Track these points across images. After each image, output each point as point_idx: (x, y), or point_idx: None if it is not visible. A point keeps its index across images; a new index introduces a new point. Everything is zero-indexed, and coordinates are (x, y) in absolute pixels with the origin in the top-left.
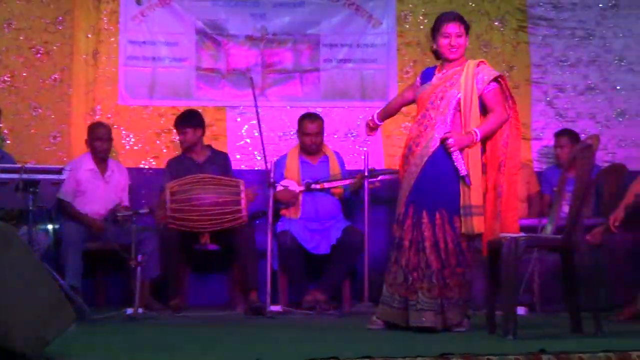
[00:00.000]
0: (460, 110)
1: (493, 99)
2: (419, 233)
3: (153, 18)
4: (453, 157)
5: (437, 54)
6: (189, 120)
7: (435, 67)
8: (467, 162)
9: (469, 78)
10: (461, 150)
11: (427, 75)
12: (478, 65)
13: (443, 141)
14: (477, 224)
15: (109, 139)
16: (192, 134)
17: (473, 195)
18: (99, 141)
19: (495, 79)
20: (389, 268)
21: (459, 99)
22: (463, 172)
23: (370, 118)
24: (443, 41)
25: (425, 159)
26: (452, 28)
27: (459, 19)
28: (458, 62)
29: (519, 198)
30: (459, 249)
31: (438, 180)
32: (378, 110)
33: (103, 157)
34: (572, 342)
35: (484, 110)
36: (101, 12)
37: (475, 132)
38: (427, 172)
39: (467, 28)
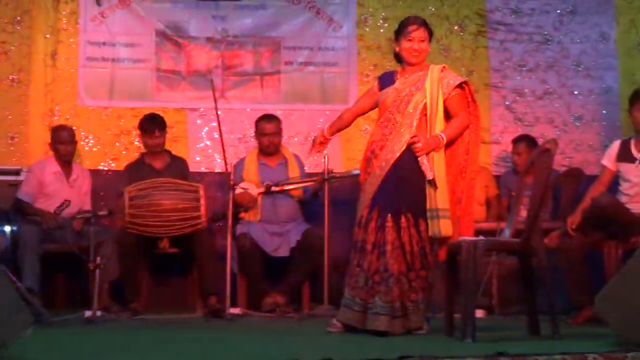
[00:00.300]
0: (426, 115)
1: (457, 104)
2: (382, 236)
3: (113, 19)
4: (420, 160)
5: (398, 58)
6: (158, 123)
7: (394, 71)
8: (432, 166)
9: (434, 83)
10: (427, 154)
11: (387, 79)
12: (442, 70)
13: (410, 145)
14: (444, 227)
15: (73, 142)
16: (161, 137)
17: (439, 198)
18: (62, 145)
19: (460, 85)
20: (350, 271)
21: (425, 103)
22: (430, 175)
23: (319, 133)
24: (406, 44)
25: (391, 162)
26: (416, 32)
27: (424, 24)
28: (420, 66)
29: (477, 201)
30: (423, 252)
31: (404, 184)
32: (328, 125)
33: (67, 161)
34: (530, 345)
35: (447, 114)
36: (60, 13)
37: (441, 136)
38: (392, 175)
39: (430, 34)
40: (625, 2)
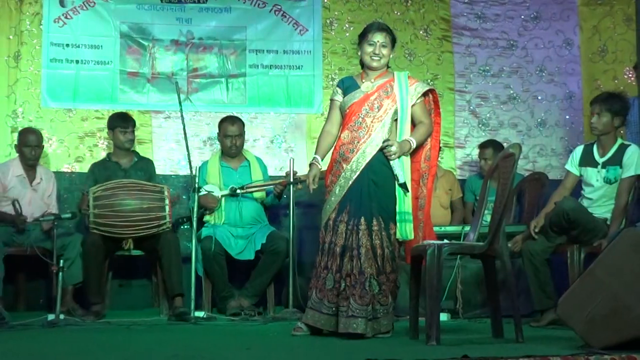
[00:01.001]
0: (396, 120)
1: (422, 111)
2: (355, 239)
3: (77, 21)
4: (392, 164)
5: (362, 62)
6: (130, 120)
7: (352, 76)
8: (402, 170)
9: (404, 89)
10: (398, 158)
11: (349, 84)
12: (409, 77)
13: (383, 148)
14: (410, 231)
15: (39, 146)
16: (132, 133)
17: (407, 202)
18: (28, 148)
19: (425, 92)
20: (317, 274)
21: (396, 108)
22: (402, 179)
23: (317, 169)
24: (368, 49)
25: (363, 165)
26: (378, 37)
27: (386, 29)
28: (385, 72)
29: (442, 205)
30: (392, 256)
31: (376, 187)
32: (316, 156)
33: (32, 165)
34: (494, 348)
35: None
36: (23, 14)
37: (411, 140)
38: (364, 178)
39: (393, 40)
40: (589, 9)
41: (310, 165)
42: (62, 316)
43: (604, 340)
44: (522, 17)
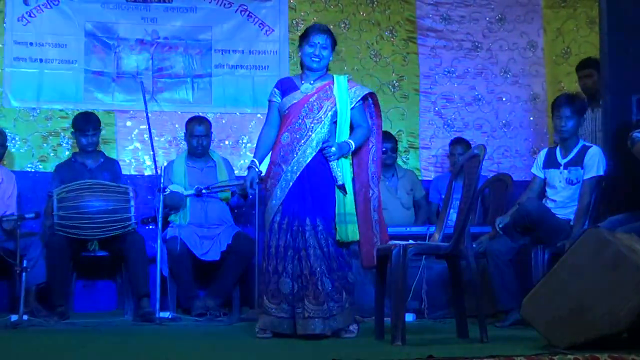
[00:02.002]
0: (335, 122)
1: (362, 115)
2: (302, 240)
3: (41, 19)
4: (330, 166)
5: (302, 64)
6: (94, 122)
7: (290, 77)
8: (342, 172)
9: (343, 91)
10: (337, 160)
11: (287, 85)
12: (349, 80)
13: (323, 149)
14: (352, 232)
15: (2, 146)
16: (95, 136)
17: (348, 203)
18: None
19: (365, 96)
20: (267, 278)
21: (335, 110)
22: (340, 181)
23: (255, 173)
24: (308, 50)
25: (303, 166)
26: (318, 39)
27: (327, 32)
28: (324, 74)
29: (404, 205)
30: (340, 253)
31: (317, 188)
32: (254, 159)
33: None
34: (459, 348)
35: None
36: None
37: (351, 143)
38: (304, 179)
39: (333, 43)
40: (553, 11)
41: (249, 168)
42: (25, 317)
43: (567, 340)
44: (487, 19)
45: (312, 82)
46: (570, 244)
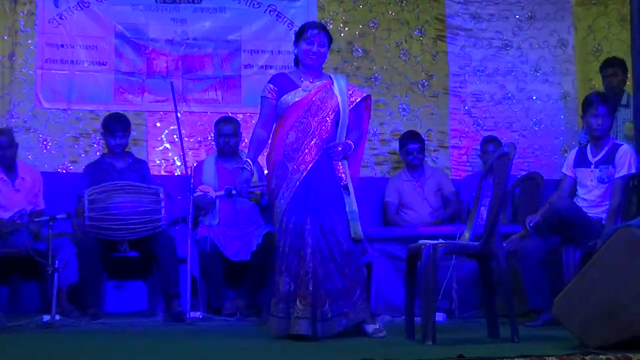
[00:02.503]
0: (337, 121)
1: (359, 117)
2: (302, 240)
3: (71, 21)
4: (335, 165)
5: (297, 61)
6: (123, 124)
7: (285, 74)
8: (345, 172)
9: (343, 91)
10: (342, 160)
11: (284, 83)
12: (346, 81)
13: (328, 149)
14: (360, 229)
15: (12, 146)
16: (124, 137)
17: (353, 202)
18: (1, 150)
19: (363, 98)
20: (275, 279)
21: (338, 110)
22: (345, 180)
23: (248, 173)
24: (306, 47)
25: (310, 165)
26: (316, 36)
27: (324, 29)
28: (322, 74)
29: (432, 206)
30: (348, 251)
31: (322, 187)
32: (248, 160)
33: (10, 165)
34: (489, 348)
35: None
36: (17, 14)
37: (351, 143)
38: (310, 179)
39: (330, 41)
40: (583, 9)
41: (242, 169)
42: (57, 317)
43: (599, 339)
44: (517, 17)
45: (311, 80)
46: (602, 243)
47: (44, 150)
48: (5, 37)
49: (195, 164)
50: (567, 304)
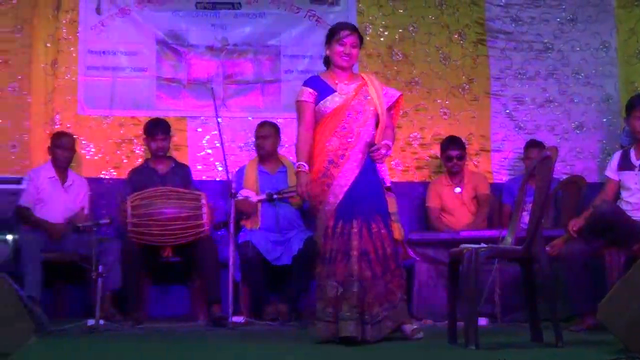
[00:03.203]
0: (375, 123)
1: (390, 116)
2: (348, 243)
3: (113, 28)
4: (379, 167)
5: (327, 61)
6: (163, 127)
7: (318, 77)
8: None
9: (379, 93)
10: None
11: (321, 86)
12: (378, 81)
13: (371, 152)
14: (400, 230)
15: (72, 149)
16: (164, 140)
17: (394, 203)
18: (61, 150)
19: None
20: (319, 283)
21: (377, 113)
22: (388, 182)
23: (306, 177)
24: (338, 48)
25: (357, 171)
26: (348, 37)
27: (356, 30)
28: (353, 74)
29: (470, 212)
30: (395, 252)
31: (370, 190)
32: (303, 163)
33: (64, 167)
34: (533, 352)
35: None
36: (60, 22)
37: (389, 144)
38: (359, 183)
39: (361, 41)
40: (625, 11)
41: (298, 173)
42: (101, 322)
43: None
44: (558, 19)
45: (345, 82)
46: None
47: (87, 157)
48: (49, 45)
49: (236, 169)
50: (611, 308)
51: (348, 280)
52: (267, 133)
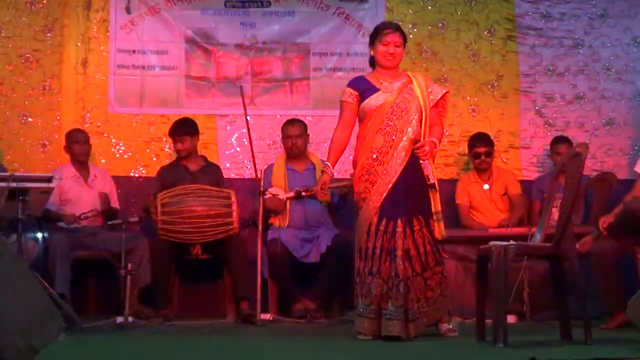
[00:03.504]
0: (420, 121)
1: (437, 113)
2: (393, 242)
3: (143, 27)
4: (423, 165)
5: (372, 62)
6: (187, 128)
7: (362, 77)
8: (431, 171)
9: (423, 91)
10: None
11: (364, 85)
12: (425, 79)
13: (416, 149)
14: (442, 229)
15: (87, 143)
16: (190, 141)
17: (437, 201)
18: (78, 144)
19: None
20: (361, 280)
21: (421, 110)
22: (432, 179)
23: (327, 177)
24: (382, 48)
25: (400, 168)
26: (391, 37)
27: (399, 29)
28: (399, 73)
29: (498, 209)
30: (436, 249)
31: (413, 188)
32: (328, 163)
33: (82, 161)
34: (562, 350)
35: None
36: (91, 21)
37: (435, 141)
38: (402, 181)
39: (405, 40)
40: None
41: (321, 172)
42: (130, 319)
43: None
44: (589, 15)
45: (390, 82)
46: None
47: (117, 155)
48: (79, 44)
49: (265, 167)
50: None
51: (394, 279)
52: (299, 132)
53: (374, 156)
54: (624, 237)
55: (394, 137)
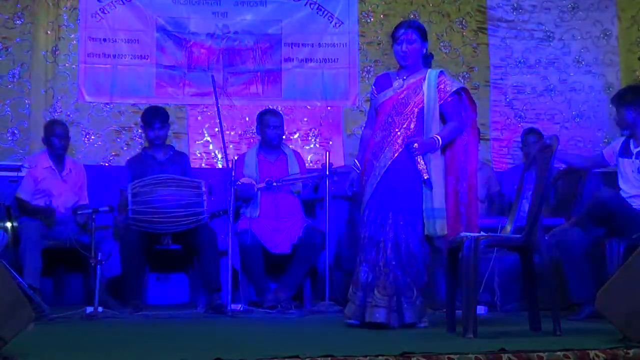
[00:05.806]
0: (422, 117)
1: (452, 110)
2: (382, 232)
3: (113, 15)
4: (416, 161)
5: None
6: (161, 115)
7: (388, 73)
8: (429, 167)
9: (431, 87)
10: (423, 155)
11: (383, 82)
12: (439, 75)
13: (408, 145)
14: (440, 227)
15: (66, 137)
16: (162, 129)
17: (436, 199)
18: (57, 138)
19: (457, 91)
20: (356, 267)
21: (422, 106)
22: (425, 176)
23: (356, 174)
24: (395, 47)
25: (389, 162)
26: (403, 34)
27: (411, 26)
28: (420, 70)
29: (478, 198)
30: (419, 250)
31: (401, 183)
32: (356, 161)
33: (60, 155)
34: (531, 341)
35: (442, 118)
36: (61, 9)
37: (437, 138)
38: (390, 175)
39: (422, 35)
40: None
41: (351, 169)
42: (100, 309)
43: None
44: (559, 8)
45: (404, 78)
46: None
47: (87, 144)
48: (49, 32)
49: (236, 157)
50: (610, 297)
51: (380, 268)
52: (279, 123)
53: (373, 152)
54: (593, 228)
55: (389, 132)
